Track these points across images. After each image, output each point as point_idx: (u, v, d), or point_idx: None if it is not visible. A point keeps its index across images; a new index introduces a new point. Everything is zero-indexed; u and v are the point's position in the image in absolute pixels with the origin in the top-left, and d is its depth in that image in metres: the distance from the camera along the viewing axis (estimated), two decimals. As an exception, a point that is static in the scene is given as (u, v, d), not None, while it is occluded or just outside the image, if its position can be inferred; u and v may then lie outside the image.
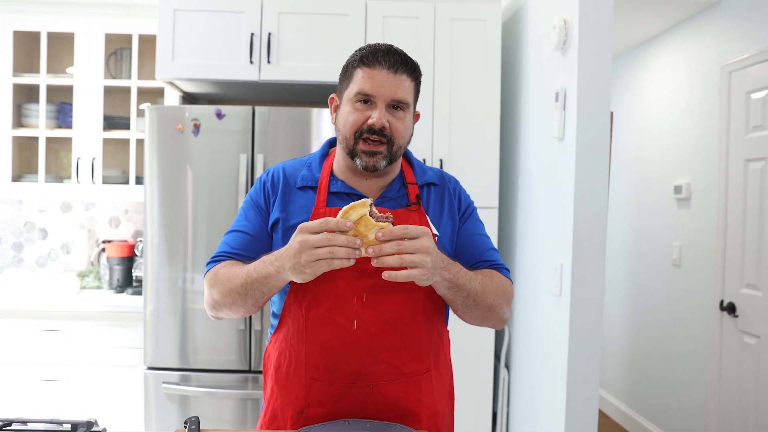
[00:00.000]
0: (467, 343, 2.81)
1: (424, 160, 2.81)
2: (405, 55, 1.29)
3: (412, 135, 1.35)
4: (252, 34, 2.72)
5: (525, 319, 2.75)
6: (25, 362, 2.81)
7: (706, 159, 3.18)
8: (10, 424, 1.24)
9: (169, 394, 2.64)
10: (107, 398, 2.83)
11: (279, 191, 1.35)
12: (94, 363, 2.82)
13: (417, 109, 1.38)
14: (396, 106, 1.27)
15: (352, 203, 1.09)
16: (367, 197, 1.14)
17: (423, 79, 2.80)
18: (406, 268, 1.08)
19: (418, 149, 2.81)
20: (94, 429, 1.25)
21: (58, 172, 3.32)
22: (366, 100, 1.26)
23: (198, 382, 2.64)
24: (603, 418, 4.16)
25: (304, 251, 1.07)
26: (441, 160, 2.81)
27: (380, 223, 1.08)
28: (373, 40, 2.77)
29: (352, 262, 1.08)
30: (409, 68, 1.28)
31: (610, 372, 4.23)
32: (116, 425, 2.80)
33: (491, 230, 2.83)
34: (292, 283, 1.28)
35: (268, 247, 1.33)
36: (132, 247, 3.17)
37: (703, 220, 3.20)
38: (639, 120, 3.93)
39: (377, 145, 1.25)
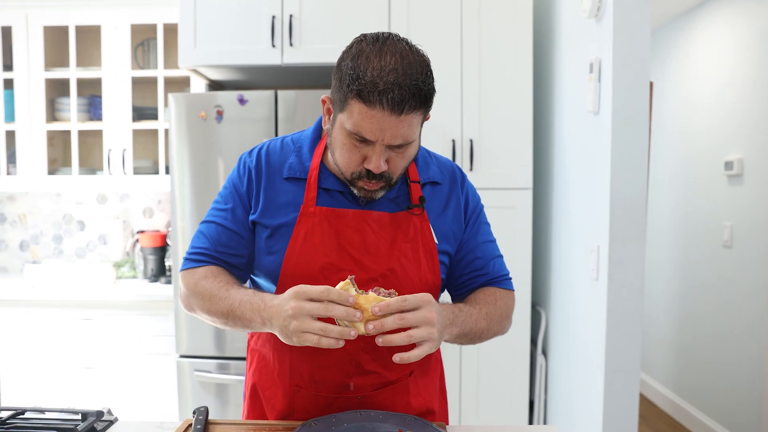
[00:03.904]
0: (502, 330, 2.72)
1: (453, 141, 2.71)
2: (413, 85, 1.01)
3: (419, 147, 1.18)
4: (273, 17, 2.66)
5: (562, 304, 2.63)
6: (66, 350, 2.87)
7: (759, 132, 2.97)
8: (23, 413, 1.23)
9: (203, 382, 2.65)
10: (142, 386, 2.86)
11: (263, 183, 1.20)
12: (129, 351, 2.85)
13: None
14: (398, 145, 1.07)
15: (340, 284, 0.99)
16: (350, 275, 1.03)
17: (451, 56, 2.67)
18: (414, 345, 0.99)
19: (446, 130, 2.71)
20: (105, 418, 1.23)
21: (92, 165, 3.36)
22: (362, 139, 1.06)
23: (231, 369, 2.64)
24: (648, 405, 4.00)
25: (297, 318, 0.96)
26: (471, 141, 2.71)
27: (382, 298, 0.98)
28: (397, 18, 2.68)
29: (341, 344, 0.96)
30: (417, 104, 1.02)
31: (655, 358, 4.06)
32: (151, 412, 2.83)
33: (525, 212, 2.73)
34: (276, 291, 1.18)
35: (251, 243, 1.21)
36: (164, 237, 3.19)
37: (756, 198, 3.01)
38: (686, 92, 3.72)
39: (376, 183, 1.11)
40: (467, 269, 1.26)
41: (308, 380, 1.19)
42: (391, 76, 1.00)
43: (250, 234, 1.21)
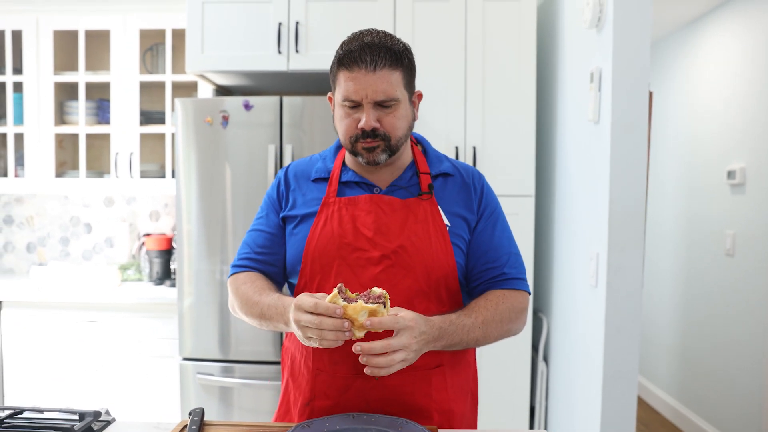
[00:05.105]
0: (503, 336, 2.73)
1: (456, 148, 2.73)
2: (384, 45, 1.19)
3: (414, 120, 1.30)
4: (280, 24, 2.70)
5: (563, 311, 2.64)
6: (70, 352, 2.90)
7: (762, 141, 2.97)
8: (21, 412, 1.26)
9: (205, 385, 2.67)
10: (145, 388, 2.89)
11: (291, 186, 1.37)
12: (134, 353, 2.88)
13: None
14: (383, 103, 1.21)
15: (333, 294, 1.08)
16: (338, 287, 1.11)
17: (455, 63, 2.71)
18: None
19: (450, 137, 2.73)
20: (102, 418, 1.25)
21: (100, 168, 3.41)
22: (353, 104, 1.22)
23: (235, 373, 2.66)
24: (651, 412, 3.99)
25: (298, 325, 1.09)
26: (474, 148, 2.73)
27: (369, 306, 1.05)
28: (402, 25, 2.71)
29: (340, 343, 1.07)
30: (391, 60, 1.19)
31: (658, 365, 4.05)
32: (153, 415, 2.86)
33: (527, 219, 2.74)
34: (298, 280, 1.31)
35: (284, 241, 1.36)
36: (170, 240, 3.22)
37: (759, 207, 3.01)
38: (689, 102, 3.72)
39: (373, 141, 1.23)
40: (480, 260, 1.31)
41: (328, 362, 1.26)
42: (359, 45, 1.19)
43: (282, 232, 1.37)
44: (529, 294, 1.35)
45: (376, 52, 1.18)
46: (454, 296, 1.30)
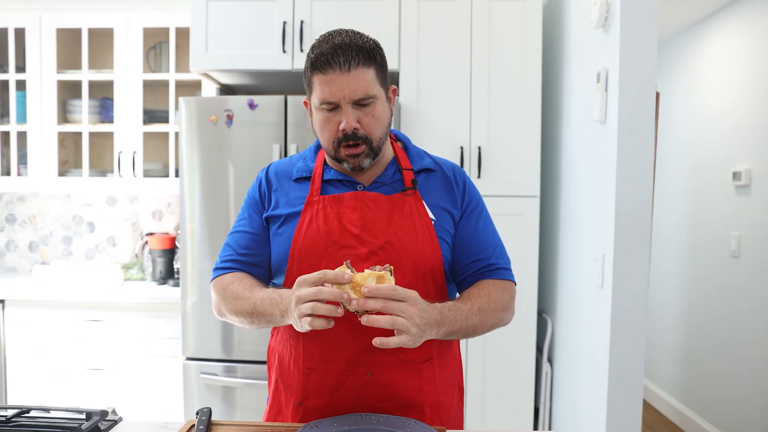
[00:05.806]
0: (507, 337, 2.72)
1: (461, 148, 2.72)
2: (355, 44, 1.19)
3: (392, 115, 1.30)
4: (284, 23, 2.69)
5: (568, 312, 2.63)
6: (73, 351, 2.89)
7: (767, 143, 2.96)
8: (28, 411, 1.25)
9: (209, 385, 2.66)
10: (148, 387, 2.88)
11: (273, 186, 1.35)
12: (136, 353, 2.87)
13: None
14: (361, 102, 1.21)
15: (340, 267, 1.07)
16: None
17: (460, 63, 2.70)
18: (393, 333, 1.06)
19: (455, 137, 2.72)
20: (109, 418, 1.25)
21: (103, 167, 3.40)
22: (331, 107, 1.21)
23: (238, 372, 2.65)
24: (655, 414, 3.98)
25: (298, 304, 1.06)
26: (479, 148, 2.72)
27: (377, 272, 1.04)
28: (407, 24, 2.70)
29: (331, 324, 1.04)
30: (364, 58, 1.19)
31: (662, 367, 4.04)
32: (157, 414, 2.85)
33: (532, 220, 2.73)
34: (284, 280, 1.29)
35: (268, 241, 1.34)
36: (173, 240, 3.21)
37: (764, 209, 2.99)
38: (694, 102, 3.71)
39: (356, 147, 1.23)
40: (466, 253, 1.32)
41: (319, 360, 1.24)
42: (329, 47, 1.18)
43: (266, 233, 1.34)
44: (515, 284, 1.36)
45: (348, 51, 1.17)
46: (441, 290, 1.30)
